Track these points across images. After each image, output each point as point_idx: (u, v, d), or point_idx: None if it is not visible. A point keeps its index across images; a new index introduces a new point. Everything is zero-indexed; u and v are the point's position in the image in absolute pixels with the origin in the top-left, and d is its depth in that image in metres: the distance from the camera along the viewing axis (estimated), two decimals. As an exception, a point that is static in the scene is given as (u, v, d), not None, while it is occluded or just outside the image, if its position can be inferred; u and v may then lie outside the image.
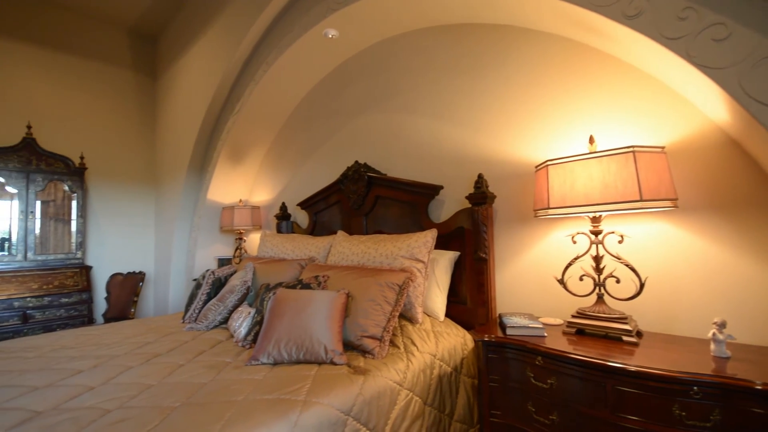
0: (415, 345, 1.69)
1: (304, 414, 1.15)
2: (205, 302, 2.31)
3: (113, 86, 4.12)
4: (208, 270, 2.41)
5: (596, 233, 1.54)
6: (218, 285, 2.39)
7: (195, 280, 3.70)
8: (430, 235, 1.98)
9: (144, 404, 1.18)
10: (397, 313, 1.71)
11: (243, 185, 3.95)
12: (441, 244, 2.15)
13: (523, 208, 1.95)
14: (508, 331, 1.55)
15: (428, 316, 1.96)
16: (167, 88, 4.21)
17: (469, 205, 2.03)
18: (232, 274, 2.50)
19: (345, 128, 2.99)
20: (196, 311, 2.28)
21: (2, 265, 3.25)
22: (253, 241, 3.87)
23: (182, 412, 1.12)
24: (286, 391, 1.25)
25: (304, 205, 3.15)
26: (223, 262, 3.76)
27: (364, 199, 2.63)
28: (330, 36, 2.65)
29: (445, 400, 1.67)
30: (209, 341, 1.87)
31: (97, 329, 2.15)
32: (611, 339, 1.46)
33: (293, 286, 1.89)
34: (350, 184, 2.72)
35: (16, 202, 3.35)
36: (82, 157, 3.73)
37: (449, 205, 2.27)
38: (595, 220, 1.54)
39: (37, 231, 3.44)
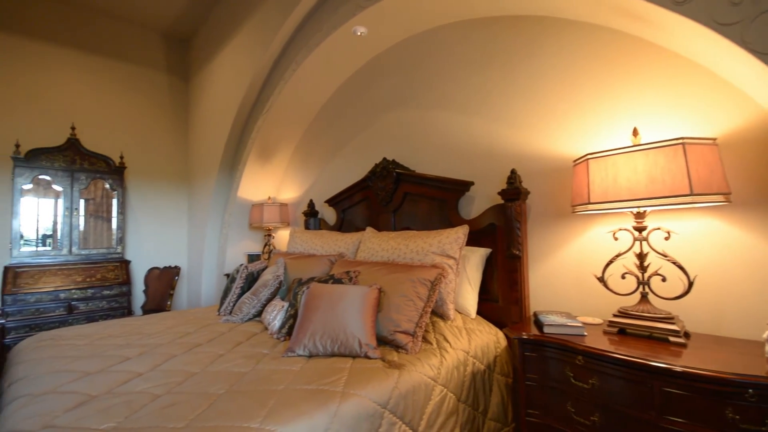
0: (447, 341, 1.68)
1: (343, 405, 1.17)
2: (239, 296, 2.38)
3: (149, 88, 4.30)
4: (242, 264, 2.47)
5: (640, 229, 1.49)
6: (251, 279, 2.45)
7: (226, 275, 3.82)
8: (461, 232, 1.96)
9: (190, 390, 1.23)
10: (430, 309, 1.71)
11: (271, 183, 4.04)
12: (471, 240, 2.13)
13: (558, 203, 1.90)
14: (546, 330, 1.52)
15: (459, 313, 1.95)
16: (199, 90, 4.35)
17: (501, 201, 2.00)
18: (263, 269, 2.57)
19: (373, 125, 3.00)
20: (231, 304, 2.35)
21: (49, 258, 3.46)
22: (281, 237, 3.95)
23: (227, 398, 1.16)
24: (324, 383, 1.27)
25: (331, 202, 3.19)
26: (252, 257, 3.86)
27: (392, 196, 2.64)
28: (359, 34, 2.67)
29: (479, 398, 1.65)
30: (245, 333, 1.92)
31: (140, 320, 2.25)
32: (656, 340, 1.40)
33: (325, 281, 1.92)
34: (378, 180, 2.72)
35: (61, 200, 3.54)
36: (121, 157, 3.91)
37: (480, 201, 2.24)
38: (640, 215, 1.48)
39: (81, 227, 3.63)
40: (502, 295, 2.01)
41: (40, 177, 3.43)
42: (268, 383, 1.28)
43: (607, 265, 1.58)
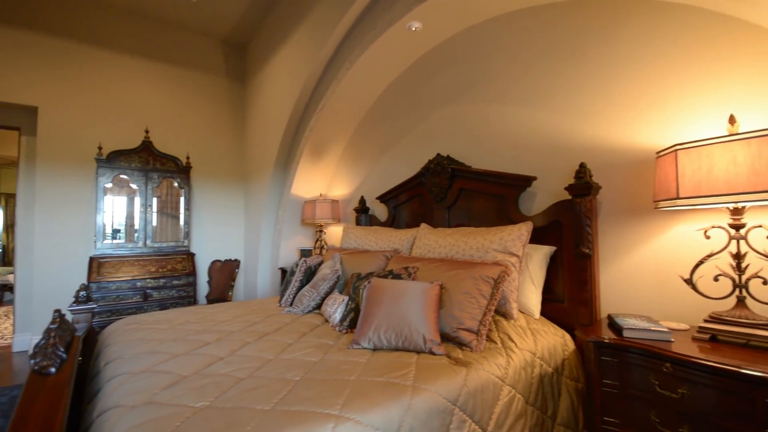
0: (512, 341, 1.63)
1: (415, 399, 1.17)
2: (299, 288, 2.47)
3: (210, 93, 4.58)
4: (301, 259, 2.57)
5: (738, 227, 1.34)
6: (309, 273, 2.53)
7: (281, 268, 3.99)
8: (524, 228, 1.89)
9: (269, 375, 1.29)
10: (493, 308, 1.66)
11: (322, 180, 4.14)
12: (533, 238, 2.04)
13: (635, 198, 1.77)
14: (626, 334, 1.42)
15: (522, 312, 1.88)
16: (255, 93, 4.56)
17: (568, 197, 1.90)
18: (320, 264, 2.64)
19: (426, 121, 2.98)
20: (291, 296, 2.45)
21: (126, 250, 3.80)
22: (332, 233, 4.05)
23: (304, 385, 1.21)
24: (394, 376, 1.28)
25: (383, 198, 3.21)
26: (304, 252, 3.99)
27: (447, 192, 2.60)
28: (413, 29, 2.65)
29: (547, 402, 1.59)
30: (308, 324, 1.99)
31: (210, 308, 2.41)
32: (754, 348, 1.27)
33: (384, 276, 1.94)
34: (432, 176, 2.70)
35: (137, 197, 3.88)
36: (187, 157, 4.21)
37: (542, 197, 2.15)
38: (737, 211, 1.34)
39: (154, 222, 3.96)
40: (569, 295, 1.91)
41: (120, 176, 3.78)
42: (339, 373, 1.31)
43: (697, 265, 1.44)
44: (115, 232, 3.79)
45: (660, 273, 1.68)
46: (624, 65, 1.83)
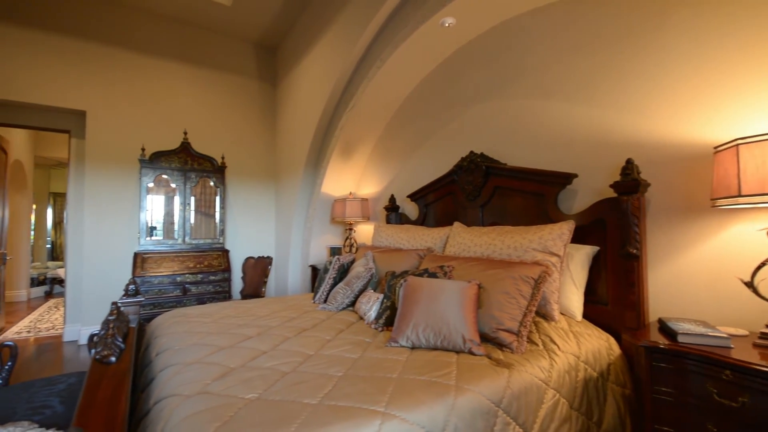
0: (555, 344, 1.59)
1: (459, 399, 1.16)
2: (332, 286, 2.50)
3: (243, 94, 4.71)
4: (335, 257, 2.60)
5: (809, 227, 1.24)
6: (342, 271, 2.56)
7: (311, 266, 4.06)
8: (566, 228, 1.83)
9: (312, 370, 1.32)
10: (534, 308, 1.62)
11: (351, 178, 4.18)
12: (574, 237, 1.98)
13: (688, 196, 1.67)
14: (681, 339, 1.35)
15: (563, 314, 1.82)
16: (286, 93, 4.65)
17: (613, 195, 1.82)
18: (352, 262, 2.67)
19: (458, 118, 2.94)
20: (325, 293, 2.49)
21: (167, 247, 3.98)
22: (361, 231, 4.07)
23: (347, 381, 1.23)
24: (436, 375, 1.28)
25: (413, 196, 3.20)
26: (334, 250, 4.04)
27: (481, 190, 2.56)
28: (446, 25, 2.62)
29: (593, 407, 1.53)
30: (343, 321, 2.01)
31: (248, 303, 2.48)
32: (830, 359, 1.17)
33: (420, 275, 1.93)
34: (465, 174, 2.66)
35: (177, 196, 4.06)
36: (222, 157, 4.35)
37: (584, 194, 2.07)
38: (809, 210, 1.24)
39: (192, 220, 4.12)
40: (613, 297, 1.83)
41: (162, 176, 3.95)
42: (380, 370, 1.32)
43: (759, 267, 1.35)
44: (152, 229, 3.97)
45: (716, 275, 1.58)
46: (675, 54, 1.73)
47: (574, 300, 1.84)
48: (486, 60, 2.71)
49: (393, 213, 3.45)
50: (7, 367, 1.80)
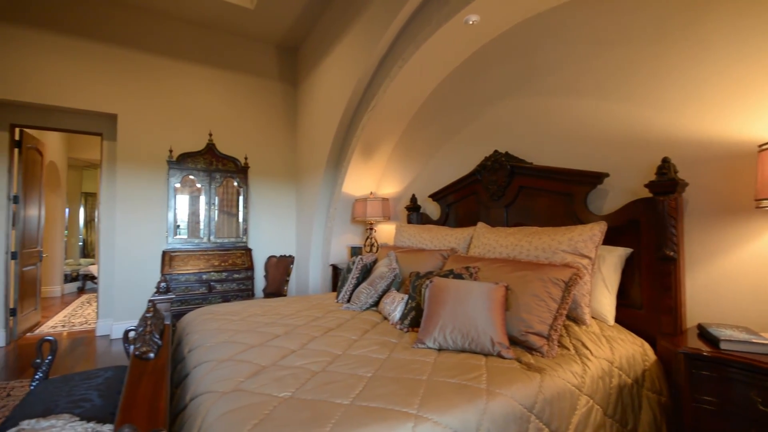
0: (587, 348, 1.54)
1: (490, 403, 1.15)
2: (356, 285, 2.51)
3: (265, 96, 4.78)
4: (358, 257, 2.61)
5: None
6: (365, 271, 2.57)
7: (332, 265, 4.09)
8: (597, 229, 1.78)
9: (341, 370, 1.32)
10: (565, 312, 1.58)
11: (372, 178, 4.19)
12: (605, 239, 1.91)
13: (729, 197, 1.60)
14: (723, 346, 1.29)
15: (594, 318, 1.77)
16: (307, 94, 4.70)
17: (648, 195, 1.76)
18: (375, 261, 2.67)
19: (481, 117, 2.90)
20: (348, 293, 2.50)
21: (193, 245, 4.09)
22: (382, 231, 4.08)
23: (377, 381, 1.23)
24: (467, 378, 1.26)
25: (435, 196, 3.17)
26: (355, 250, 4.06)
27: (505, 190, 2.52)
28: (470, 22, 2.58)
29: (627, 415, 1.49)
30: (368, 321, 2.02)
31: (273, 302, 2.52)
32: None
33: (445, 276, 1.92)
34: (488, 174, 2.63)
35: (202, 196, 4.16)
36: (246, 158, 4.44)
37: (615, 194, 2.01)
38: None
39: (216, 219, 4.22)
40: (648, 301, 1.77)
41: (188, 177, 4.06)
42: (409, 372, 1.31)
43: (811, 272, 1.28)
44: (177, 227, 4.08)
45: (759, 279, 1.50)
46: (714, 48, 1.65)
47: (606, 303, 1.79)
48: (510, 57, 2.66)
49: (414, 213, 3.44)
50: (47, 360, 1.88)
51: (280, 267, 4.03)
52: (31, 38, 3.55)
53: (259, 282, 4.52)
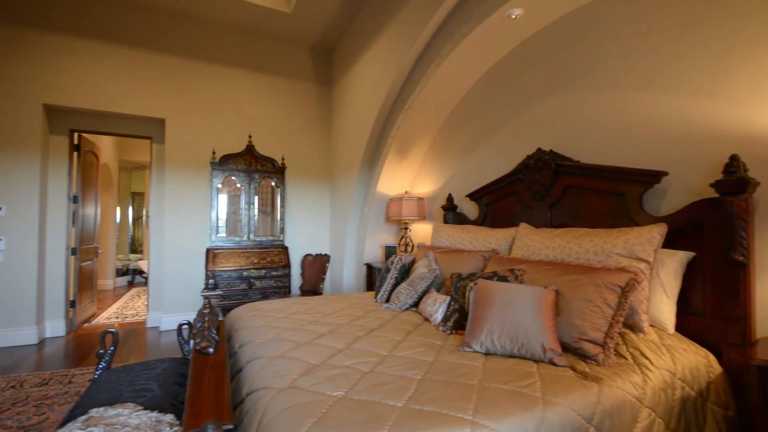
0: (646, 358, 1.46)
1: (548, 412, 1.11)
2: (394, 286, 2.52)
3: (300, 97, 4.89)
4: (396, 257, 2.61)
5: None
6: (404, 271, 2.57)
7: (366, 264, 4.12)
8: (656, 231, 1.68)
9: (390, 372, 1.33)
10: (621, 319, 1.51)
11: (406, 178, 4.17)
12: (664, 241, 1.80)
13: (811, 198, 1.46)
14: (808, 360, 1.18)
15: (652, 326, 1.68)
16: (341, 94, 4.75)
17: (713, 195, 1.64)
18: (413, 261, 2.66)
19: (522, 114, 2.81)
20: (387, 293, 2.51)
21: (234, 243, 4.25)
22: (417, 230, 4.06)
23: (428, 385, 1.22)
24: (520, 385, 1.23)
25: (473, 196, 3.12)
26: (389, 249, 4.07)
27: (549, 189, 2.43)
28: (513, 16, 2.51)
29: (691, 429, 1.40)
30: (409, 322, 2.01)
31: (313, 300, 2.58)
32: None
33: (489, 278, 1.88)
34: (531, 173, 2.55)
35: (242, 196, 4.31)
36: (282, 158, 4.56)
37: (674, 194, 1.88)
38: None
39: (255, 218, 4.37)
40: (712, 309, 1.65)
41: (230, 177, 4.23)
42: (459, 376, 1.30)
43: None
44: (228, 226, 4.26)
45: None
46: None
47: (665, 311, 1.69)
48: (555, 51, 2.56)
49: (450, 212, 3.40)
50: (110, 351, 2.01)
51: (316, 265, 4.11)
52: (88, 49, 3.80)
53: (295, 279, 4.63)
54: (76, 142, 4.07)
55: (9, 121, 3.52)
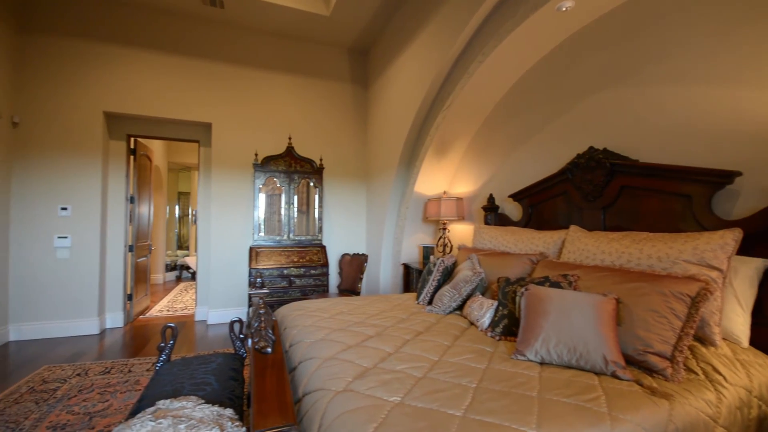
0: (719, 373, 1.35)
1: (616, 430, 1.05)
2: (437, 288, 2.49)
3: (337, 98, 4.95)
4: (439, 258, 2.59)
5: None
6: (446, 273, 2.54)
7: (403, 264, 4.12)
8: (730, 237, 1.55)
9: (444, 378, 1.31)
10: (692, 331, 1.40)
11: (444, 177, 4.12)
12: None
13: None
14: None
15: (724, 339, 1.55)
16: (377, 95, 4.76)
17: (799, 198, 1.49)
18: (454, 263, 2.62)
19: (571, 111, 2.69)
20: (429, 295, 2.49)
21: (274, 242, 4.38)
22: (455, 231, 4.00)
23: (485, 394, 1.19)
24: (583, 399, 1.18)
25: (516, 196, 3.02)
26: (427, 249, 4.04)
27: (603, 190, 2.31)
28: (564, 9, 2.40)
29: (774, 454, 1.28)
30: (455, 326, 1.98)
31: (356, 300, 2.60)
32: None
33: (540, 283, 1.81)
34: (582, 173, 2.43)
35: (282, 196, 4.44)
36: (321, 159, 4.64)
37: (749, 197, 1.73)
38: None
39: (294, 217, 4.48)
40: (796, 323, 1.50)
41: (271, 178, 4.36)
42: (516, 386, 1.26)
43: None
44: (270, 225, 4.40)
45: None
46: None
47: (739, 323, 1.56)
48: (609, 43, 2.42)
49: (492, 213, 3.32)
50: (170, 344, 2.14)
51: (354, 265, 4.16)
52: (142, 59, 4.05)
53: (333, 278, 4.71)
54: (132, 146, 4.35)
55: (75, 128, 3.82)
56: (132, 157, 4.35)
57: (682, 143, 2.00)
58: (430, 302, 2.46)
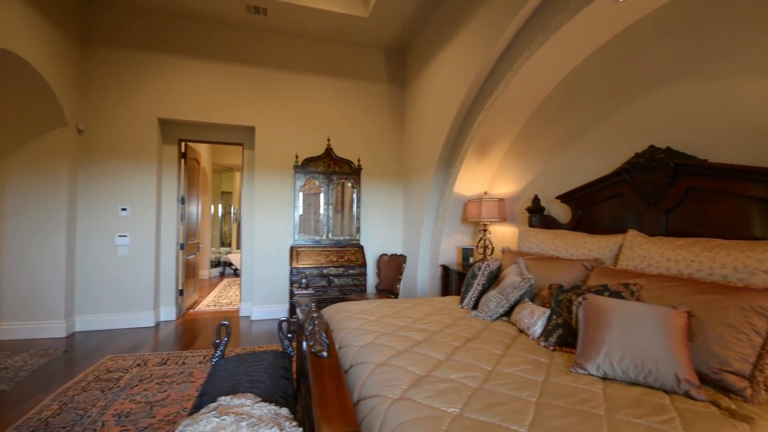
0: (812, 398, 1.22)
1: (697, 457, 0.98)
2: (481, 292, 2.44)
3: (374, 99, 4.97)
4: (484, 262, 2.53)
5: None
6: (491, 277, 2.48)
7: (442, 265, 4.07)
8: (823, 246, 1.39)
9: (501, 390, 1.28)
10: (777, 350, 1.28)
11: (485, 178, 4.03)
12: (829, 258, 1.49)
13: None
14: None
15: (813, 358, 1.40)
16: (415, 94, 4.72)
17: None
18: (499, 267, 2.56)
19: (626, 108, 2.53)
20: (473, 299, 2.44)
21: (314, 242, 4.48)
22: (496, 233, 3.90)
23: (548, 410, 1.15)
24: (656, 420, 1.10)
25: (566, 198, 2.89)
26: (466, 251, 3.97)
27: (666, 192, 2.15)
28: (621, 0, 2.26)
29: None
30: (504, 333, 1.93)
31: (399, 303, 2.60)
32: None
33: (599, 292, 1.72)
34: (641, 173, 2.28)
35: (321, 196, 4.53)
36: (358, 160, 4.69)
37: None
38: None
39: (332, 218, 4.55)
40: None
41: (311, 179, 4.46)
42: (580, 403, 1.20)
43: None
44: (309, 225, 4.51)
45: None
46: None
47: (834, 342, 1.40)
48: (672, 34, 2.25)
49: (536, 215, 3.20)
50: (224, 341, 2.24)
51: (392, 265, 4.16)
52: (192, 67, 4.26)
53: (370, 278, 4.74)
54: (183, 150, 4.59)
55: (134, 134, 4.09)
56: (183, 160, 4.60)
57: (758, 142, 1.82)
58: (474, 307, 2.41)
